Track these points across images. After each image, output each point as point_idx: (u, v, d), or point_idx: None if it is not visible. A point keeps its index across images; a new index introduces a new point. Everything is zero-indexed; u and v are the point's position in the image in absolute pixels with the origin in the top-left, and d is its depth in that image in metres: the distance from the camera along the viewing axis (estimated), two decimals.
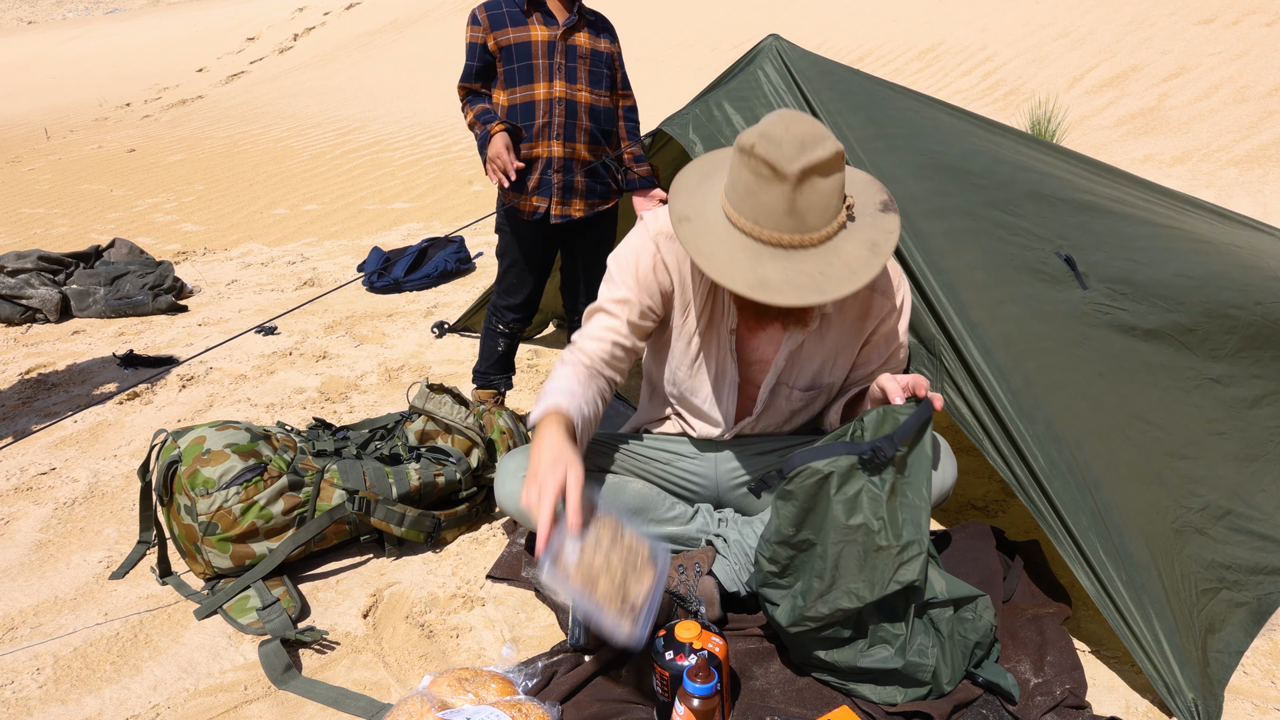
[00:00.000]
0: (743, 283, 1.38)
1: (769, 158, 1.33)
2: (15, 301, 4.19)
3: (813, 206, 1.37)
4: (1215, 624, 1.62)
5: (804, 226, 1.38)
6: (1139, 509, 1.66)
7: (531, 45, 2.39)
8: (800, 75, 2.10)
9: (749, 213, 1.40)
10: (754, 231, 1.40)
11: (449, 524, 2.15)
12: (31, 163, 10.15)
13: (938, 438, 1.73)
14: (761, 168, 1.35)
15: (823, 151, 1.34)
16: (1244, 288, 2.25)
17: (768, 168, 1.34)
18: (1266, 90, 6.55)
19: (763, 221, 1.39)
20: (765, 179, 1.35)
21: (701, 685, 1.36)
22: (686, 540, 1.87)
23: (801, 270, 1.38)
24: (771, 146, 1.34)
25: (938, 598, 1.50)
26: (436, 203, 6.52)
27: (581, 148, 2.47)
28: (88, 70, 22.22)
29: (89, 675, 1.79)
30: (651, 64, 12.02)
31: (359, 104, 12.43)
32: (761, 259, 1.39)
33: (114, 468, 2.70)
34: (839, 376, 1.75)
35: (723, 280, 1.39)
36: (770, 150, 1.34)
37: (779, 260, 1.39)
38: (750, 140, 1.36)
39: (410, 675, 1.73)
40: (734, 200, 1.42)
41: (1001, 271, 1.92)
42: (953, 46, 9.50)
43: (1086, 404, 1.76)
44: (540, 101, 2.41)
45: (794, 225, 1.38)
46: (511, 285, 2.66)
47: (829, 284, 1.38)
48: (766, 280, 1.37)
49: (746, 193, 1.39)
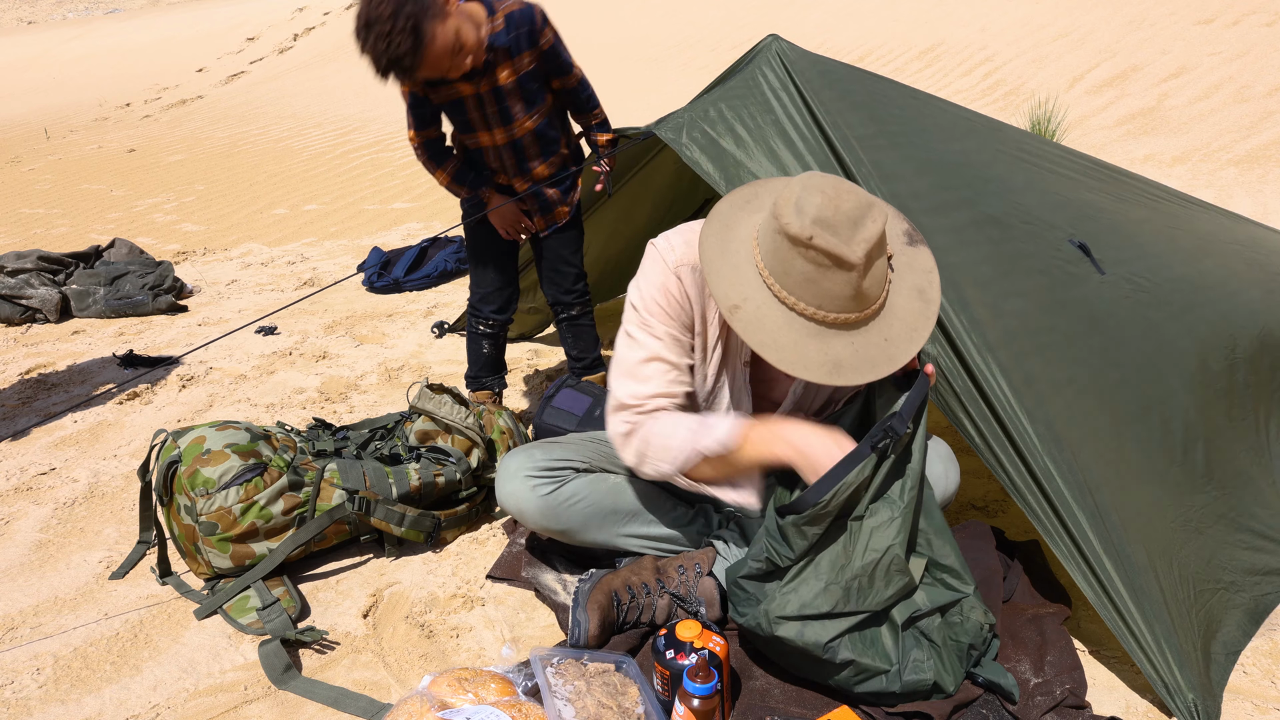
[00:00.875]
0: (818, 371, 1.35)
1: (830, 249, 1.29)
2: (15, 301, 4.19)
3: (875, 283, 1.36)
4: (1214, 624, 1.62)
5: (866, 303, 1.37)
6: (1140, 509, 1.66)
7: (463, 102, 2.31)
8: (799, 75, 2.10)
9: (812, 299, 1.35)
10: (818, 316, 1.36)
11: (449, 524, 2.15)
12: (31, 163, 10.15)
13: (940, 442, 1.73)
14: (822, 259, 1.31)
15: (875, 226, 1.31)
16: (1252, 285, 2.26)
17: (829, 258, 1.30)
18: (1266, 90, 6.55)
19: (827, 306, 1.35)
20: (827, 268, 1.31)
21: (702, 685, 1.36)
22: (687, 541, 1.87)
23: (869, 344, 1.37)
24: (829, 234, 1.30)
25: (921, 610, 1.50)
26: (436, 203, 6.51)
27: (541, 168, 2.43)
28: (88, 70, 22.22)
29: (89, 675, 1.79)
30: (651, 64, 12.02)
31: (359, 104, 12.42)
32: (828, 340, 1.36)
33: (114, 468, 2.70)
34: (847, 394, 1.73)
35: (795, 371, 1.35)
36: (829, 240, 1.29)
37: (844, 338, 1.36)
38: (804, 231, 1.30)
39: (410, 675, 1.73)
40: (789, 287, 1.36)
41: (1009, 263, 1.91)
42: (953, 46, 9.50)
43: (1094, 400, 1.75)
44: (488, 149, 2.40)
45: (858, 305, 1.36)
46: (479, 278, 2.61)
47: (896, 350, 1.37)
48: (840, 363, 1.35)
49: (806, 281, 1.34)
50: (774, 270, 1.38)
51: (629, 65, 12.17)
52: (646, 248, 1.65)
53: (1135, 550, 1.57)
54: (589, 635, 1.68)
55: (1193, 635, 1.55)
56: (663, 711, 1.48)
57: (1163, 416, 1.83)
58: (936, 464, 1.69)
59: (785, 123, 2.06)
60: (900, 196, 1.92)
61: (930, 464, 1.68)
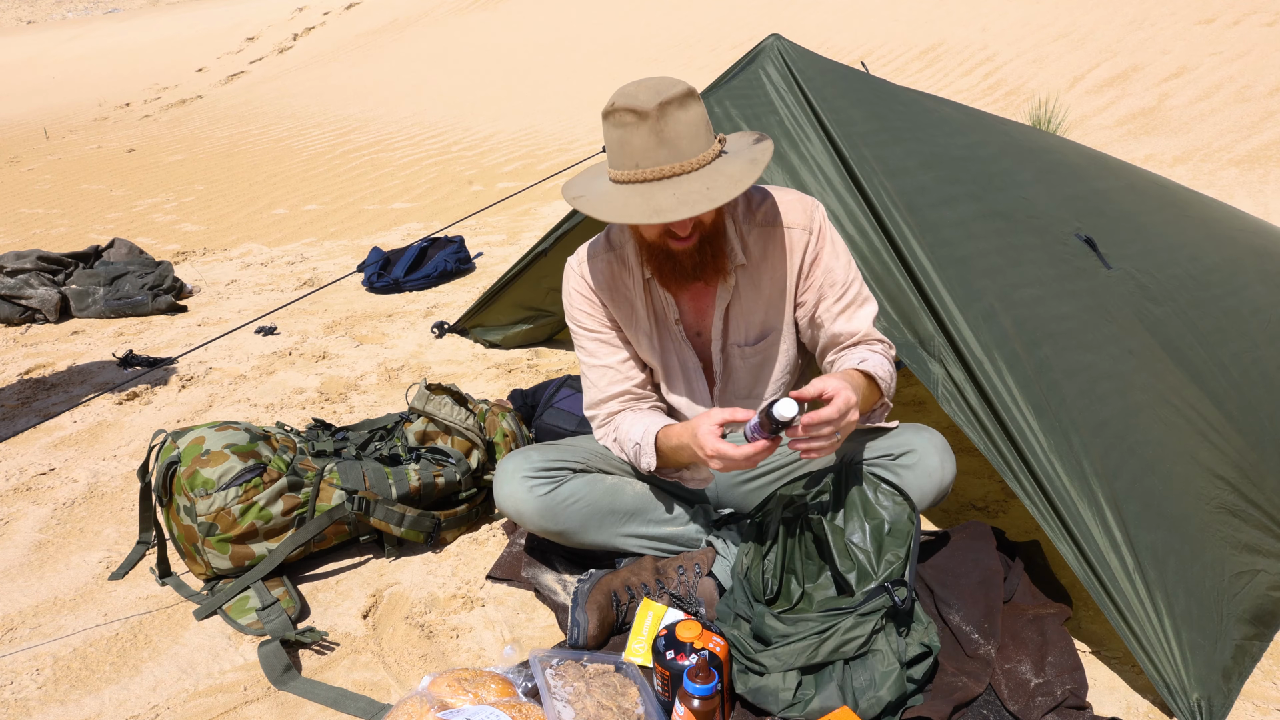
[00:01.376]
0: (638, 213, 1.48)
1: (628, 105, 1.47)
2: (15, 301, 4.19)
3: (681, 135, 1.48)
4: (1247, 608, 1.60)
5: (679, 154, 1.48)
6: (1162, 494, 1.64)
7: None
8: (801, 75, 2.10)
9: (628, 161, 1.50)
10: (637, 175, 1.50)
11: (449, 524, 2.15)
12: (31, 163, 10.14)
13: (934, 433, 1.73)
14: (624, 116, 1.47)
15: (677, 88, 1.48)
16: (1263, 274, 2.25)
17: (629, 114, 1.47)
18: (1267, 90, 6.55)
19: (642, 162, 1.49)
20: (630, 125, 1.47)
21: (702, 685, 1.36)
22: (686, 541, 1.87)
23: (690, 190, 1.48)
24: (628, 98, 1.47)
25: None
26: (436, 203, 6.51)
27: None
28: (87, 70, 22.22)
29: (88, 676, 1.79)
30: (651, 64, 12.02)
31: (359, 104, 12.42)
32: (652, 193, 1.49)
33: (113, 468, 2.70)
34: (783, 321, 1.76)
35: (621, 217, 1.50)
36: (628, 100, 1.47)
37: (667, 189, 1.48)
38: (610, 104, 1.50)
39: (410, 675, 1.73)
40: (614, 163, 1.53)
41: (1018, 254, 1.90)
42: (953, 46, 9.50)
43: (1110, 385, 1.74)
44: None
45: (670, 155, 1.48)
46: None
47: (717, 193, 1.47)
48: (660, 207, 1.47)
49: (620, 146, 1.50)
50: (609, 161, 1.56)
51: (629, 65, 12.17)
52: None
53: (1155, 537, 1.56)
54: (588, 636, 1.68)
55: (1219, 621, 1.54)
56: (663, 712, 1.48)
57: (1181, 402, 1.82)
58: (932, 455, 1.68)
59: (789, 121, 2.07)
60: (906, 192, 1.91)
61: (926, 455, 1.68)
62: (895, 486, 1.63)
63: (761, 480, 1.86)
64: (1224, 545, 1.66)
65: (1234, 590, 1.61)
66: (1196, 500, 1.68)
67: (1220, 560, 1.63)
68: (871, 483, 1.64)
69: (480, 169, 7.70)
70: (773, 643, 1.50)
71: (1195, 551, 1.60)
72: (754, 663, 1.51)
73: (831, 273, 1.69)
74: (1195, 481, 1.71)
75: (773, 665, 1.48)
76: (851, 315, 1.69)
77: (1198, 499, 1.68)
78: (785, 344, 1.77)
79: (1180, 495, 1.67)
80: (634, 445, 1.73)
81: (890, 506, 1.61)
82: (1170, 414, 1.79)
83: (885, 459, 1.70)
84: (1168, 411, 1.79)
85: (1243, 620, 1.59)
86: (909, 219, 1.86)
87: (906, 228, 1.85)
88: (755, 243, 1.70)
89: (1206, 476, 1.73)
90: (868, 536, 1.59)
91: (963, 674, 1.57)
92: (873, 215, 1.89)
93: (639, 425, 1.74)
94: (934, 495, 1.70)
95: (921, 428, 1.73)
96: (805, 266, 1.70)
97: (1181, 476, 1.70)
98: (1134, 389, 1.77)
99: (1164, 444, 1.73)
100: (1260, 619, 1.63)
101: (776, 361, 1.78)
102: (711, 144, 1.53)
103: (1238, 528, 1.70)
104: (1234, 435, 1.86)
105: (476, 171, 7.58)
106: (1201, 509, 1.68)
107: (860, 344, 1.69)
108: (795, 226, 1.69)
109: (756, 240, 1.70)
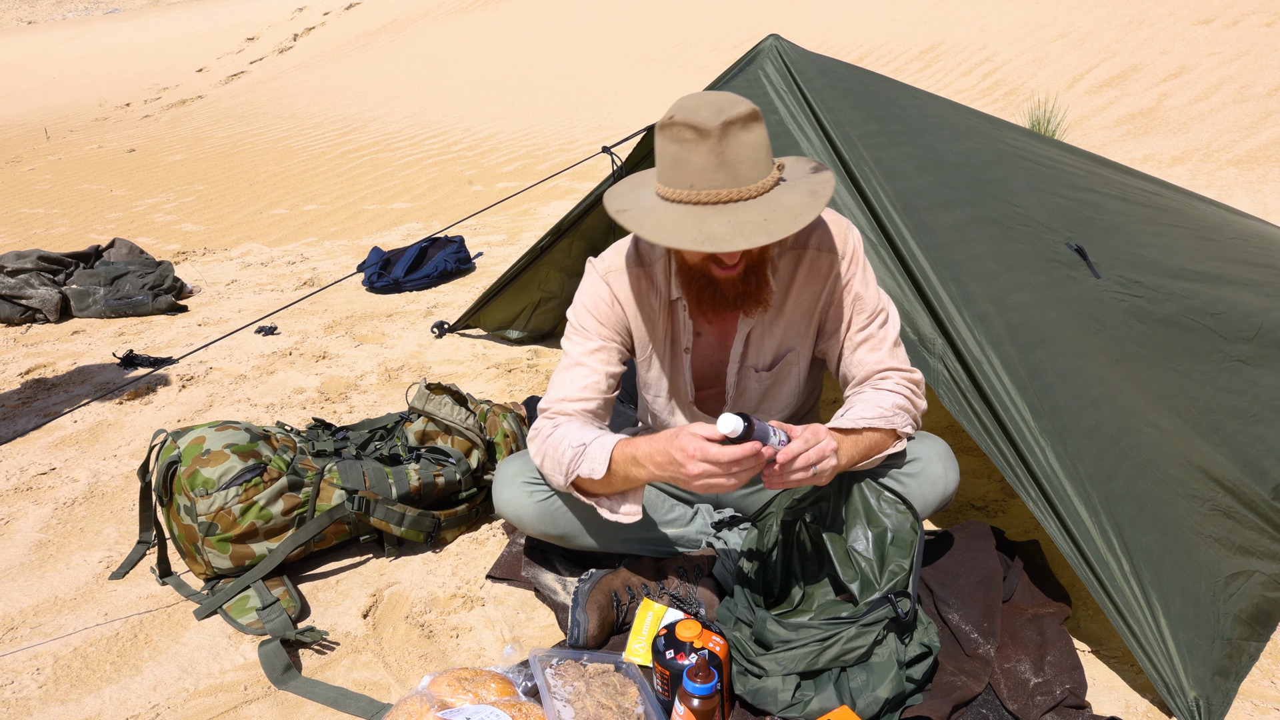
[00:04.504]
0: (689, 239, 1.38)
1: (688, 120, 1.38)
2: (15, 301, 4.19)
3: (742, 159, 1.39)
4: (1243, 608, 1.61)
5: (738, 179, 1.39)
6: (1158, 496, 1.64)
7: None
8: (800, 75, 2.11)
9: (683, 180, 1.41)
10: (691, 197, 1.41)
11: (449, 524, 2.15)
12: (31, 163, 10.15)
13: (939, 440, 1.73)
14: (684, 132, 1.38)
15: (741, 108, 1.39)
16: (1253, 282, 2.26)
17: (689, 130, 1.37)
18: (1266, 90, 6.55)
19: (697, 183, 1.40)
20: (689, 142, 1.38)
21: (701, 685, 1.36)
22: (687, 542, 1.87)
23: (746, 220, 1.39)
24: (689, 113, 1.38)
25: None
26: (436, 203, 6.52)
27: None
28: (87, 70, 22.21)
29: (89, 675, 1.79)
30: (651, 64, 12.02)
31: (359, 104, 12.42)
32: (705, 218, 1.40)
33: (114, 468, 2.70)
34: (803, 345, 1.72)
35: (669, 240, 1.40)
36: (688, 115, 1.38)
37: (722, 215, 1.40)
38: (668, 116, 1.41)
39: (410, 675, 1.73)
40: (665, 179, 1.44)
41: (1011, 260, 1.91)
42: (953, 46, 9.50)
43: (1101, 390, 1.75)
44: None
45: (728, 179, 1.39)
46: None
47: (775, 226, 1.38)
48: (713, 234, 1.38)
49: (675, 163, 1.41)
50: (657, 174, 1.47)
51: (629, 65, 12.17)
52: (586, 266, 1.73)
53: (1150, 540, 1.56)
54: (588, 635, 1.68)
55: (1214, 623, 1.55)
56: (663, 711, 1.48)
57: (1172, 410, 1.82)
58: (936, 463, 1.68)
59: (789, 121, 2.07)
60: (902, 194, 1.92)
61: (930, 463, 1.68)
62: (898, 495, 1.62)
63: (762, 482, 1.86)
64: (1218, 547, 1.66)
65: (1229, 591, 1.61)
66: (1190, 503, 1.69)
67: (1214, 562, 1.63)
68: (874, 489, 1.63)
69: (480, 169, 7.70)
70: (774, 647, 1.50)
71: (1189, 553, 1.61)
72: (754, 665, 1.51)
73: (861, 300, 1.65)
74: (1188, 484, 1.71)
75: (773, 669, 1.48)
76: (875, 345, 1.65)
77: (1191, 501, 1.69)
78: (799, 366, 1.75)
79: (1174, 498, 1.67)
80: (578, 446, 1.55)
81: (893, 515, 1.60)
82: (1162, 418, 1.79)
83: (889, 465, 1.68)
84: (1159, 416, 1.79)
85: (1239, 621, 1.60)
86: (906, 220, 1.86)
87: (905, 229, 1.85)
88: (785, 266, 1.65)
89: (1200, 479, 1.74)
90: (870, 544, 1.59)
91: (962, 673, 1.57)
92: (871, 215, 1.90)
93: (592, 433, 1.58)
94: (937, 503, 1.70)
95: (926, 435, 1.72)
96: (834, 292, 1.65)
97: (1175, 480, 1.70)
98: (1125, 394, 1.78)
99: (1157, 448, 1.74)
100: (1256, 619, 1.63)
101: (787, 383, 1.76)
102: (771, 170, 1.44)
103: (1232, 529, 1.71)
104: (1226, 441, 1.86)
105: (476, 171, 7.59)
106: (1195, 511, 1.68)
107: (880, 375, 1.65)
108: (826, 249, 1.63)
109: (786, 264, 1.65)
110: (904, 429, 1.62)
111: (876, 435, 1.59)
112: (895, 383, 1.63)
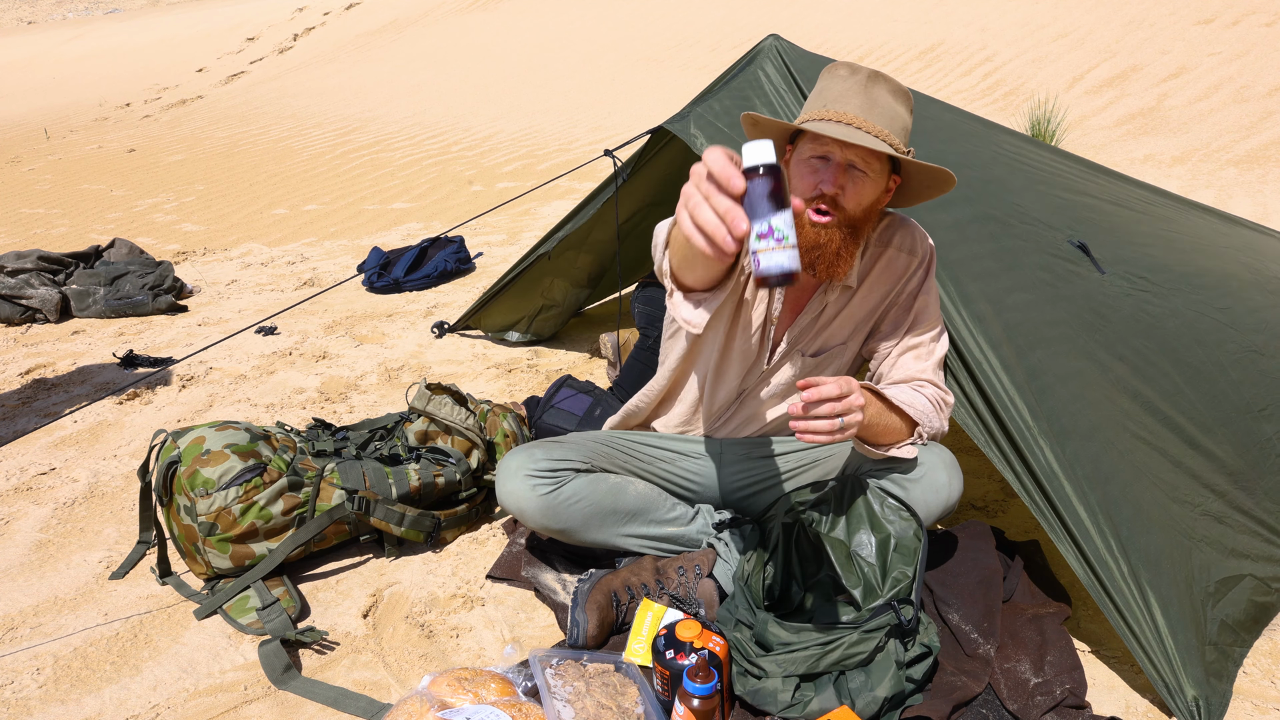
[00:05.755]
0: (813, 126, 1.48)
1: (848, 64, 1.53)
2: (15, 301, 4.19)
3: (881, 105, 1.50)
4: (1237, 610, 1.61)
5: (872, 115, 1.49)
6: (1154, 499, 1.65)
7: None
8: (800, 75, 2.11)
9: (818, 102, 1.54)
10: (826, 114, 1.51)
11: (449, 524, 2.15)
12: (31, 163, 10.15)
13: (943, 449, 1.72)
14: (840, 69, 1.53)
15: (896, 82, 1.52)
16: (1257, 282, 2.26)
17: (845, 68, 1.53)
18: (1266, 90, 6.55)
19: (833, 104, 1.51)
20: (841, 77, 1.52)
21: (701, 685, 1.36)
22: (687, 541, 1.87)
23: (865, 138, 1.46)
24: (850, 63, 1.54)
25: None
26: (436, 203, 6.52)
27: None
28: (87, 70, 22.22)
29: (89, 675, 1.79)
30: (651, 64, 12.02)
31: (359, 104, 12.42)
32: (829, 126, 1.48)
33: (114, 468, 2.70)
34: (855, 340, 1.74)
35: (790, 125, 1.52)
36: (849, 63, 1.54)
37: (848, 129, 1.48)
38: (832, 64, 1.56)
39: (410, 675, 1.73)
40: (809, 108, 1.56)
41: (1011, 259, 1.91)
42: (953, 46, 9.50)
43: (1102, 391, 1.75)
44: None
45: (864, 105, 1.49)
46: None
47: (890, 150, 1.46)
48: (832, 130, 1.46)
49: (820, 92, 1.55)
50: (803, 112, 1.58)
51: (629, 65, 12.17)
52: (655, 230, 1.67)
53: (1147, 542, 1.57)
54: (588, 635, 1.68)
55: (1205, 626, 1.55)
56: (662, 711, 1.48)
57: (1174, 408, 1.82)
58: (940, 471, 1.67)
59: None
60: None
61: (934, 470, 1.67)
62: (902, 502, 1.62)
63: (764, 484, 1.86)
64: (1212, 550, 1.67)
65: (1222, 593, 1.62)
66: (1184, 507, 1.69)
67: (1208, 565, 1.63)
68: (877, 495, 1.63)
69: (480, 169, 7.70)
70: (775, 649, 1.50)
71: (1185, 556, 1.61)
72: (754, 666, 1.51)
73: (924, 310, 1.69)
74: (1181, 490, 1.71)
75: (773, 671, 1.48)
76: (922, 355, 1.69)
77: (1184, 505, 1.69)
78: (840, 361, 1.77)
79: (1169, 502, 1.67)
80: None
81: (897, 521, 1.61)
82: (1160, 422, 1.79)
83: (892, 471, 1.68)
84: (1157, 419, 1.79)
85: (1225, 627, 1.60)
86: None
87: None
88: (867, 258, 1.69)
89: (1193, 485, 1.74)
90: (874, 550, 1.59)
91: (962, 673, 1.57)
92: None
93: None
94: (940, 511, 1.69)
95: (931, 443, 1.72)
96: (901, 293, 1.70)
97: (1170, 484, 1.70)
98: (1125, 395, 1.78)
99: (1153, 451, 1.74)
100: (1243, 626, 1.64)
101: (826, 370, 1.79)
102: (903, 139, 1.54)
103: (1224, 533, 1.71)
104: (1227, 439, 1.86)
105: (476, 171, 7.59)
106: (1190, 515, 1.68)
107: (918, 383, 1.68)
108: (906, 251, 1.68)
109: (869, 257, 1.69)
110: (925, 429, 1.64)
111: (897, 421, 1.61)
112: (930, 393, 1.67)
